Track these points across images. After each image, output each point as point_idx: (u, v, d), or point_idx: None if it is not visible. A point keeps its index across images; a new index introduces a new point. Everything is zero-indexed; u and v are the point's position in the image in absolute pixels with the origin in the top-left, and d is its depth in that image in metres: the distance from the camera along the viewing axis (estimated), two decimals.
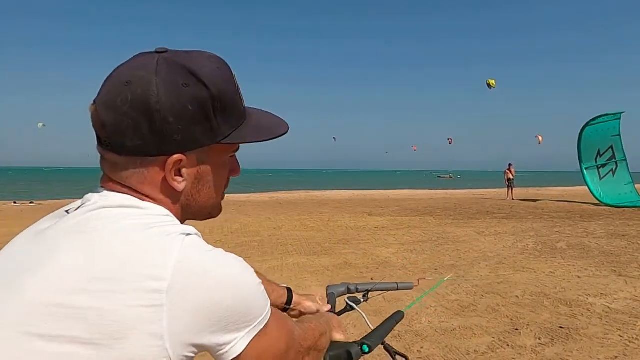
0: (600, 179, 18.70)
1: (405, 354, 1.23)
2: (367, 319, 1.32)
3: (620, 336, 4.20)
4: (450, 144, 44.12)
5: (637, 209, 15.67)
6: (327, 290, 1.42)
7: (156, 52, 0.72)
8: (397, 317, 1.26)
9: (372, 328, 1.17)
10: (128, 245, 0.63)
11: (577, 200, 20.20)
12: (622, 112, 18.47)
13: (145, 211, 0.69)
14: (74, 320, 0.58)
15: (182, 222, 0.77)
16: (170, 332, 0.60)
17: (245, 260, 0.71)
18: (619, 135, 18.46)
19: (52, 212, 0.77)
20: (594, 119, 18.48)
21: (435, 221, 13.24)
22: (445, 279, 2.04)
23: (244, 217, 14.39)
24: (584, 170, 18.80)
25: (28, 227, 0.74)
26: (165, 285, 0.60)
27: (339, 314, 1.39)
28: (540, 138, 29.86)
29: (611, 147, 18.51)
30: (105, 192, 0.72)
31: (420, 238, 10.09)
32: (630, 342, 4.07)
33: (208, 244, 0.70)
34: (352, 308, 1.38)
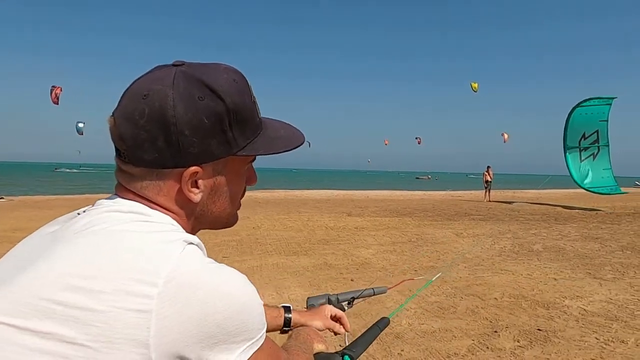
0: (581, 161, 19.01)
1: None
2: (347, 339, 1.26)
3: (597, 338, 4.26)
4: (419, 143, 44.62)
5: (608, 214, 16.07)
6: (307, 302, 1.36)
7: (173, 65, 0.72)
8: (382, 324, 1.22)
9: (347, 341, 1.11)
10: (126, 248, 0.62)
11: (552, 203, 20.63)
12: (614, 98, 18.53)
13: (151, 218, 0.69)
14: (62, 317, 0.57)
15: (196, 232, 0.77)
16: (157, 341, 0.57)
17: (230, 265, 0.67)
18: (607, 120, 18.58)
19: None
20: (585, 101, 18.55)
21: (414, 222, 13.31)
22: (433, 279, 2.01)
23: None
24: (567, 151, 19.03)
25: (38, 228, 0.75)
26: (156, 291, 0.58)
27: None
28: (506, 136, 30.37)
29: (597, 131, 18.66)
30: (118, 199, 0.73)
31: (399, 239, 10.12)
32: (606, 344, 4.12)
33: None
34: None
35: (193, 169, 0.70)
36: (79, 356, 0.56)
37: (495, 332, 4.44)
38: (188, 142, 0.68)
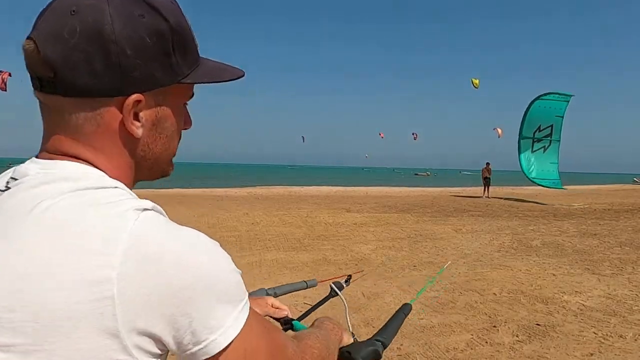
0: (532, 151, 20.10)
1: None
2: (346, 310, 1.28)
3: (595, 333, 4.28)
4: (415, 139, 44.53)
5: (606, 210, 16.11)
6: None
7: None
8: (406, 310, 1.21)
9: (350, 323, 1.12)
10: (72, 232, 0.53)
11: (550, 200, 20.66)
12: (571, 95, 19.73)
13: (91, 182, 0.58)
14: (12, 325, 0.50)
15: (135, 182, 0.69)
16: (127, 327, 0.51)
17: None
18: (563, 117, 19.72)
19: None
20: (545, 94, 19.62)
21: (413, 218, 13.33)
22: (445, 266, 2.04)
23: (222, 211, 14.22)
24: (521, 141, 20.04)
25: None
26: (114, 273, 0.51)
27: (322, 302, 1.34)
28: (500, 131, 30.30)
29: (552, 126, 19.78)
30: (46, 163, 0.61)
31: (398, 235, 10.14)
32: (604, 339, 4.14)
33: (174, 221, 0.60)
34: (336, 294, 1.32)
35: (135, 96, 0.60)
36: None
37: (494, 327, 4.46)
38: (130, 64, 0.59)
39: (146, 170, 0.69)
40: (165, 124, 0.67)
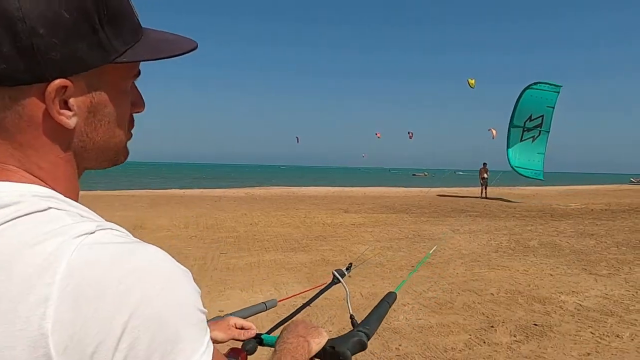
0: (521, 140, 20.24)
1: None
2: (348, 295, 1.26)
3: (592, 333, 4.30)
4: (410, 138, 44.44)
5: (603, 211, 16.16)
6: None
7: None
8: (390, 298, 1.18)
9: (351, 312, 1.10)
10: (7, 277, 0.46)
11: (548, 200, 20.72)
12: (560, 86, 19.94)
13: (27, 208, 0.50)
14: None
15: (81, 172, 0.61)
16: None
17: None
18: (553, 108, 19.87)
19: None
20: (536, 83, 19.79)
21: (410, 219, 13.35)
22: (430, 252, 2.05)
23: (220, 212, 14.21)
24: (511, 129, 20.25)
25: None
26: (48, 325, 0.44)
27: (324, 290, 1.34)
28: (494, 132, 30.26)
29: (542, 116, 19.88)
30: None
31: (396, 235, 10.16)
32: (601, 339, 4.16)
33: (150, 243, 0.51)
34: (338, 281, 1.34)
35: (59, 81, 0.52)
36: None
37: (492, 327, 4.48)
38: (46, 45, 0.50)
39: (92, 161, 0.61)
40: (105, 109, 0.58)
